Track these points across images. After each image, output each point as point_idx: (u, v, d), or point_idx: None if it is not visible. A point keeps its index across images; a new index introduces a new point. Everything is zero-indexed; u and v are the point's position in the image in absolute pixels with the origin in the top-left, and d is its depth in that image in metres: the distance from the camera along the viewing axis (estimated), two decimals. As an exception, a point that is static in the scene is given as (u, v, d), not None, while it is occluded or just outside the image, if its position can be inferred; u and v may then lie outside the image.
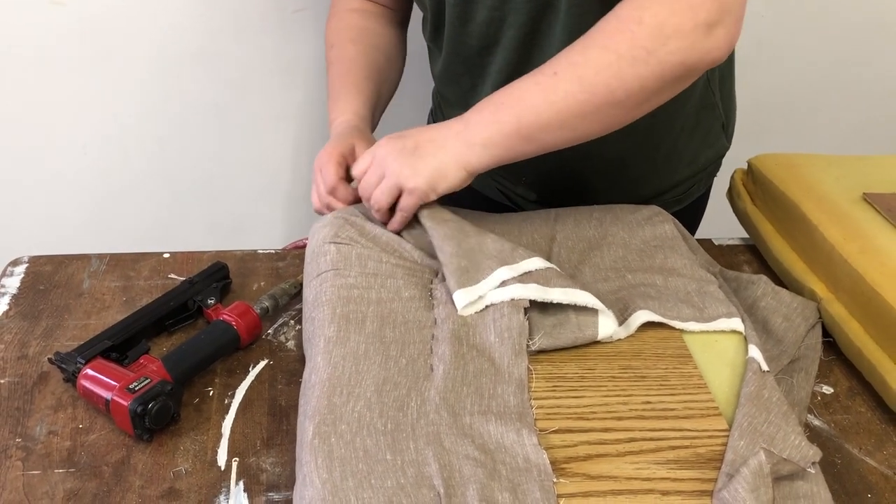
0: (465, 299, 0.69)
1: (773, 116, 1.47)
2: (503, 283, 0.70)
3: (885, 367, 0.74)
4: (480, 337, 0.68)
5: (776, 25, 1.37)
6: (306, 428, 0.60)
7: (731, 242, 0.98)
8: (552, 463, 0.57)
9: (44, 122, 1.25)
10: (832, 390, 0.76)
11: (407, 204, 0.75)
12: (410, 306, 0.71)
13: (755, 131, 1.34)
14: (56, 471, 0.64)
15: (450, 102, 0.99)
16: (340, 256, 0.74)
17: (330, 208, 0.82)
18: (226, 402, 0.71)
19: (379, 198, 0.75)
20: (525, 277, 0.71)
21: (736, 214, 1.00)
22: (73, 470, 0.64)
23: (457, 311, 0.69)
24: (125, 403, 0.65)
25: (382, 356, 0.66)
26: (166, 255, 0.90)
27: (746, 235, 0.98)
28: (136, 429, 0.65)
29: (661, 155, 0.92)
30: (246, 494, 0.63)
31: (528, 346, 0.68)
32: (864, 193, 0.87)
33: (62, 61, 1.20)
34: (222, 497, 0.62)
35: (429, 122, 1.11)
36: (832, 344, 0.80)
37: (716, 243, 0.97)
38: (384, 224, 0.78)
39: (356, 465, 0.57)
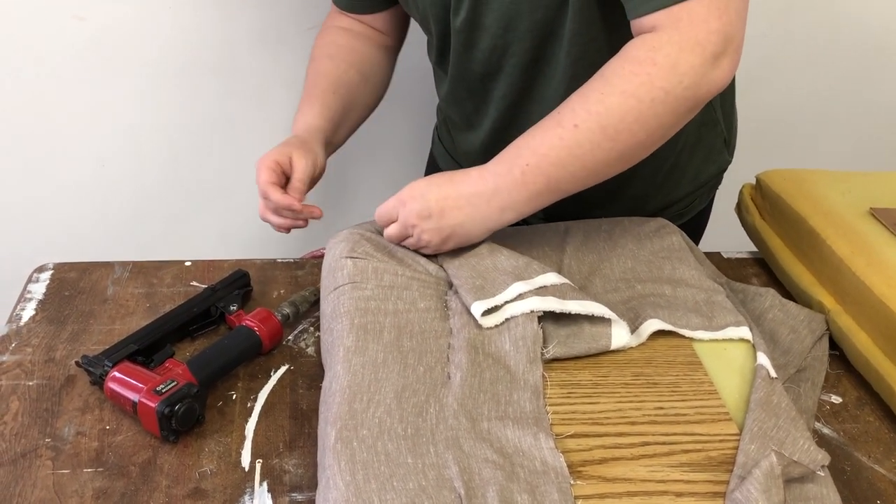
0: (482, 308, 0.71)
1: (779, 133, 1.49)
2: (520, 296, 0.72)
3: (893, 376, 0.75)
4: (495, 345, 0.70)
5: (780, 44, 1.39)
6: (328, 433, 0.62)
7: (739, 256, 0.99)
8: (569, 466, 0.59)
9: (63, 133, 1.28)
10: (841, 400, 0.78)
11: (428, 254, 0.79)
12: (426, 317, 0.73)
13: (761, 147, 1.37)
14: (85, 470, 0.66)
15: (455, 123, 1.01)
16: (357, 270, 0.76)
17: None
18: (248, 405, 0.73)
19: (403, 245, 0.79)
20: (542, 291, 0.73)
21: (744, 228, 1.02)
22: (101, 469, 0.66)
23: (472, 321, 0.71)
24: (152, 405, 0.67)
25: (401, 364, 0.68)
26: (188, 264, 0.92)
27: (755, 249, 1.00)
28: (162, 430, 0.67)
29: (663, 172, 0.94)
30: (270, 495, 0.64)
31: (542, 354, 0.69)
32: (870, 208, 0.88)
33: (82, 74, 1.23)
34: (247, 497, 0.64)
35: (433, 138, 1.13)
36: (840, 356, 0.82)
37: (725, 256, 0.99)
38: None
39: (378, 469, 0.58)
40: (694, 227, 1.02)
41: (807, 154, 1.48)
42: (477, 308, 0.71)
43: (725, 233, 1.07)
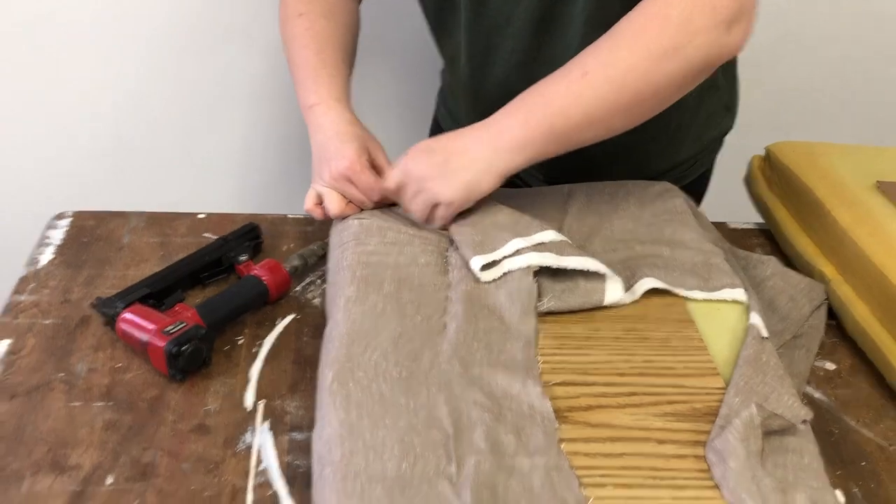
0: (481, 262, 0.73)
1: (792, 107, 1.48)
2: (518, 252, 0.74)
3: (889, 346, 0.76)
4: (492, 297, 0.72)
5: (797, 19, 1.38)
6: (325, 374, 0.65)
7: (745, 226, 1.00)
8: (555, 411, 0.61)
9: (81, 91, 1.30)
10: (835, 366, 0.78)
11: (444, 215, 0.78)
12: (427, 271, 0.75)
13: (773, 121, 1.36)
14: (95, 404, 0.69)
15: (459, 86, 1.01)
16: (362, 228, 0.78)
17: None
18: (254, 350, 0.76)
19: (417, 210, 0.79)
20: (540, 247, 0.74)
21: (752, 199, 1.02)
22: (111, 404, 0.69)
23: (470, 275, 0.73)
24: (161, 345, 0.69)
25: (399, 314, 0.70)
26: (201, 216, 0.94)
27: (761, 220, 1.00)
28: (170, 369, 0.70)
29: (665, 135, 0.95)
30: (271, 433, 0.67)
31: (536, 306, 0.71)
32: (877, 182, 0.89)
33: (100, 30, 1.24)
34: (248, 434, 0.67)
35: (437, 103, 1.13)
36: (837, 326, 0.83)
37: (730, 226, 0.99)
38: None
39: (372, 408, 0.61)
40: (695, 191, 1.02)
41: (819, 128, 1.47)
42: (476, 262, 0.73)
43: (732, 205, 1.08)
